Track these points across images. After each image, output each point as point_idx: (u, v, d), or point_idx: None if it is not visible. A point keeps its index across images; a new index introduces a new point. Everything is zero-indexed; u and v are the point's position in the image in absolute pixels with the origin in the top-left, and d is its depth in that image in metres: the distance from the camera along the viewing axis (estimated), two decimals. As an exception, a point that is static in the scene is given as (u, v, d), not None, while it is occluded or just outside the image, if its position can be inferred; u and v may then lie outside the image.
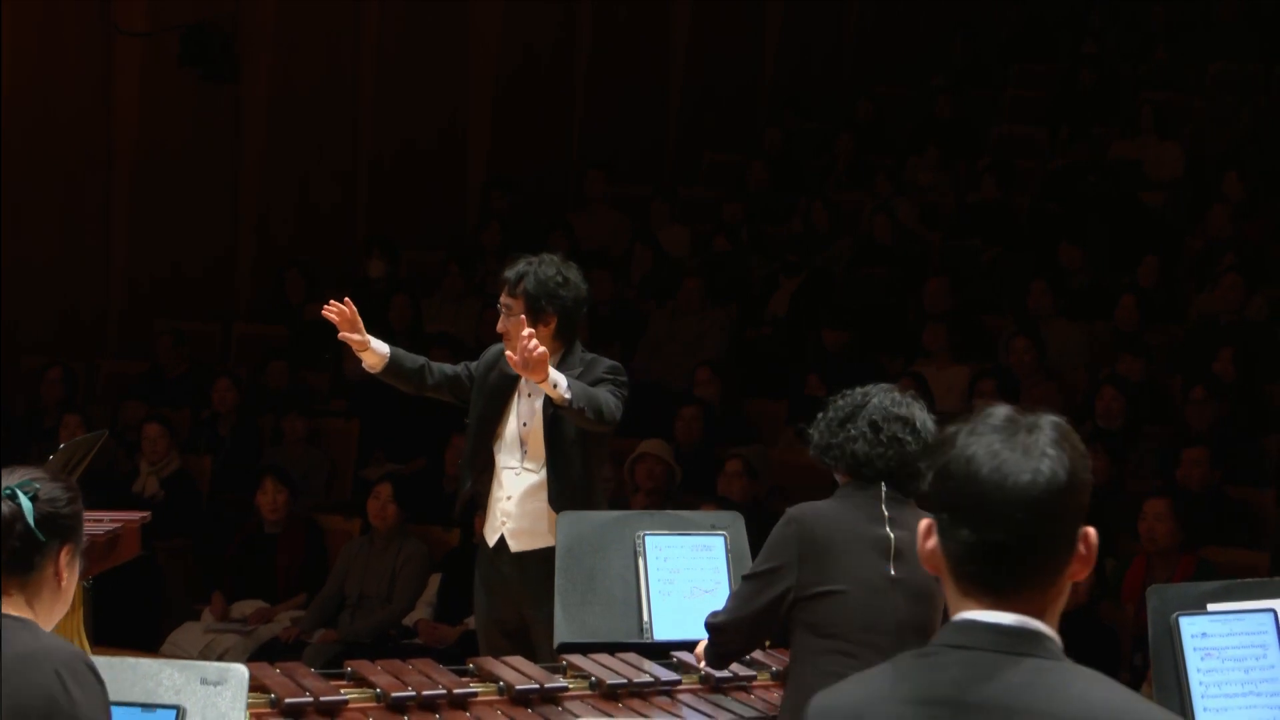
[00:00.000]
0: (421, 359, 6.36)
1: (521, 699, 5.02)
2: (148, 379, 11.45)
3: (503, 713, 4.97)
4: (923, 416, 4.72)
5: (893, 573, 4.58)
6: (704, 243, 12.89)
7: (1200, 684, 4.30)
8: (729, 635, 4.77)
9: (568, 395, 5.75)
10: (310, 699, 4.86)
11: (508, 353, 5.90)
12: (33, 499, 3.31)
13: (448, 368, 6.38)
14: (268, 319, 12.45)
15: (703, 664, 5.05)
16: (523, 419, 6.10)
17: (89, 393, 11.64)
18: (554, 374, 5.78)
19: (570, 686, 5.12)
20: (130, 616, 8.92)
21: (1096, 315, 11.02)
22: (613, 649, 5.27)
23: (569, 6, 14.09)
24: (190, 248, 12.22)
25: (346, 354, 11.22)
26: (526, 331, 5.77)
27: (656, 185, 14.01)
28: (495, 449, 6.18)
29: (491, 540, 6.15)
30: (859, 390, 4.78)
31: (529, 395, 6.10)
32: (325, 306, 6.15)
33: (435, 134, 13.32)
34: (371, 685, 5.01)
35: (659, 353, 11.49)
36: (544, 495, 6.08)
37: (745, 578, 4.77)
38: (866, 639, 4.53)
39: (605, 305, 11.92)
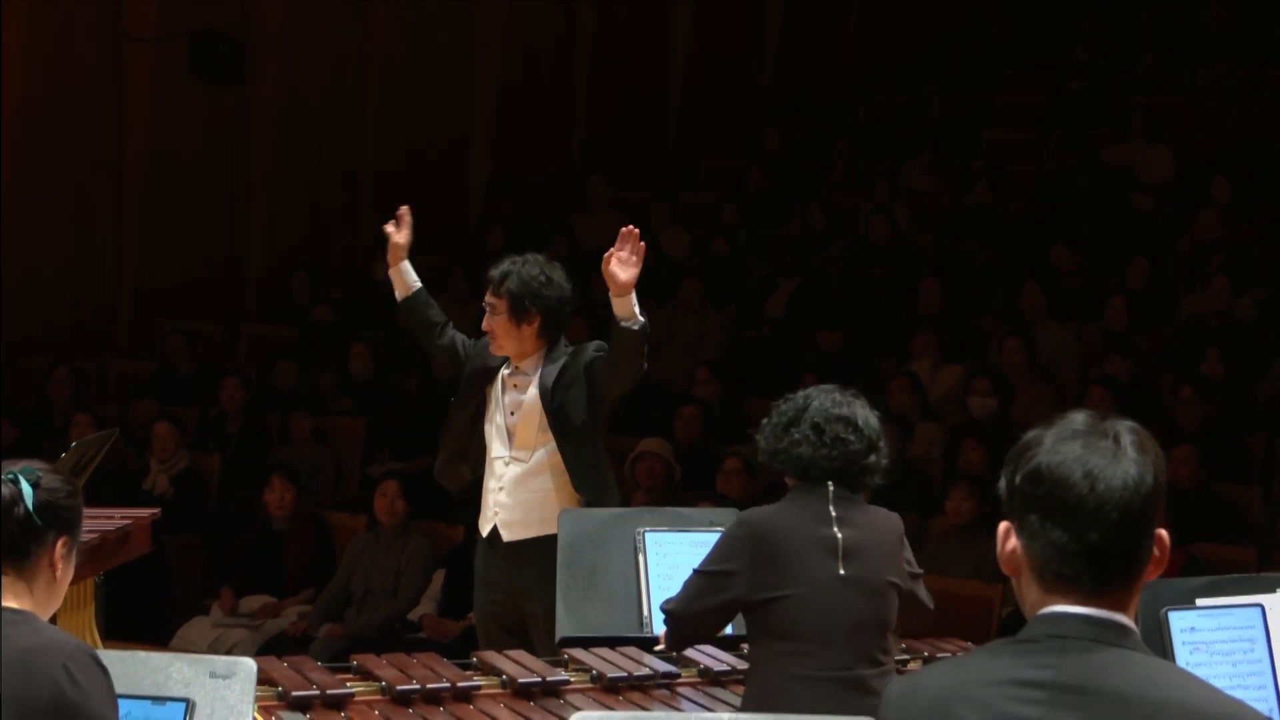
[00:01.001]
0: (444, 317, 6.45)
1: (524, 692, 5.02)
2: (158, 379, 11.46)
3: (505, 705, 4.97)
4: (865, 414, 4.73)
5: (843, 572, 4.57)
6: (703, 245, 12.89)
7: (1189, 677, 4.30)
8: (682, 623, 4.79)
9: (642, 317, 5.89)
10: (317, 692, 4.86)
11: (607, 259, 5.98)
12: (34, 486, 3.30)
13: (457, 336, 6.42)
14: (275, 320, 12.46)
15: (662, 646, 5.07)
16: (509, 410, 6.10)
17: (100, 392, 11.64)
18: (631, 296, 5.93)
19: (572, 680, 5.12)
20: (141, 611, 8.91)
21: (1087, 316, 11.02)
22: (613, 643, 5.28)
23: (570, 14, 14.09)
24: (199, 250, 12.22)
25: (353, 354, 11.26)
26: (629, 248, 5.95)
27: (656, 188, 14.01)
28: (486, 439, 6.19)
29: (485, 531, 6.15)
30: (800, 394, 4.79)
31: (514, 387, 6.10)
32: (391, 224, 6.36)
33: (440, 139, 13.33)
34: (377, 679, 5.01)
35: (659, 353, 11.48)
36: (535, 484, 6.08)
37: (697, 572, 4.75)
38: (822, 639, 4.52)
39: (605, 306, 11.91)
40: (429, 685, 4.95)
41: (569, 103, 14.15)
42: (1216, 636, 4.35)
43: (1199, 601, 4.38)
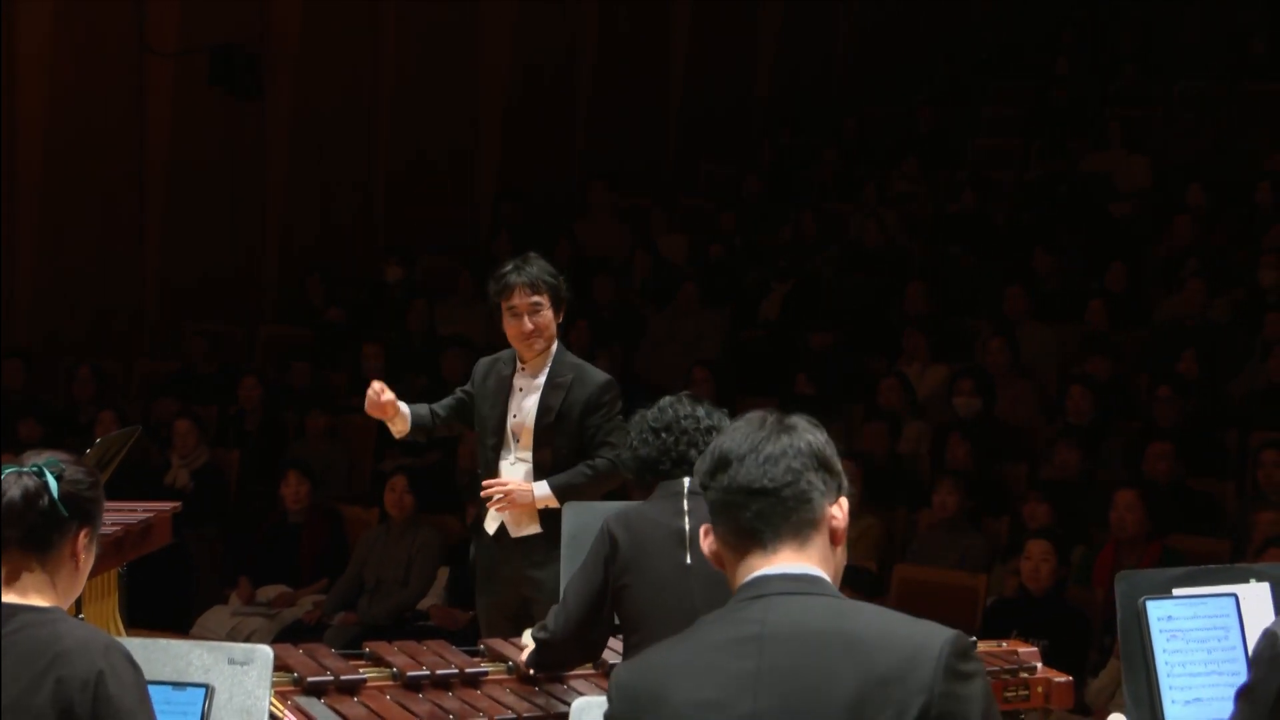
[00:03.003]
0: (427, 409, 6.25)
1: (529, 678, 5.02)
2: (179, 378, 11.45)
3: (511, 690, 4.96)
4: (694, 407, 4.75)
5: (688, 561, 4.54)
6: (701, 250, 12.88)
7: (1166, 664, 4.30)
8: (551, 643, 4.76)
9: (556, 504, 5.81)
10: (331, 678, 4.86)
11: (494, 494, 5.92)
12: (58, 478, 3.26)
13: (449, 402, 6.29)
14: (291, 322, 12.46)
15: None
16: (513, 412, 6.09)
17: (124, 391, 11.64)
18: (538, 492, 5.90)
19: (575, 666, 5.12)
20: (162, 601, 8.92)
21: (1068, 318, 11.02)
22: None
23: (573, 29, 14.09)
24: (218, 255, 12.22)
25: (364, 354, 11.26)
26: (504, 491, 5.88)
27: (656, 196, 14.01)
28: (498, 442, 6.17)
29: (492, 528, 6.13)
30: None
31: (520, 390, 6.08)
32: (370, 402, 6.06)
33: (448, 149, 13.32)
34: (388, 665, 5.01)
35: (658, 353, 11.50)
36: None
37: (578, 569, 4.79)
38: (665, 628, 4.43)
39: (607, 308, 11.93)
40: (438, 671, 4.95)
41: (571, 113, 14.15)
42: (1192, 625, 4.34)
43: (1175, 591, 4.38)
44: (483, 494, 5.98)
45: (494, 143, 13.64)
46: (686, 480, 4.63)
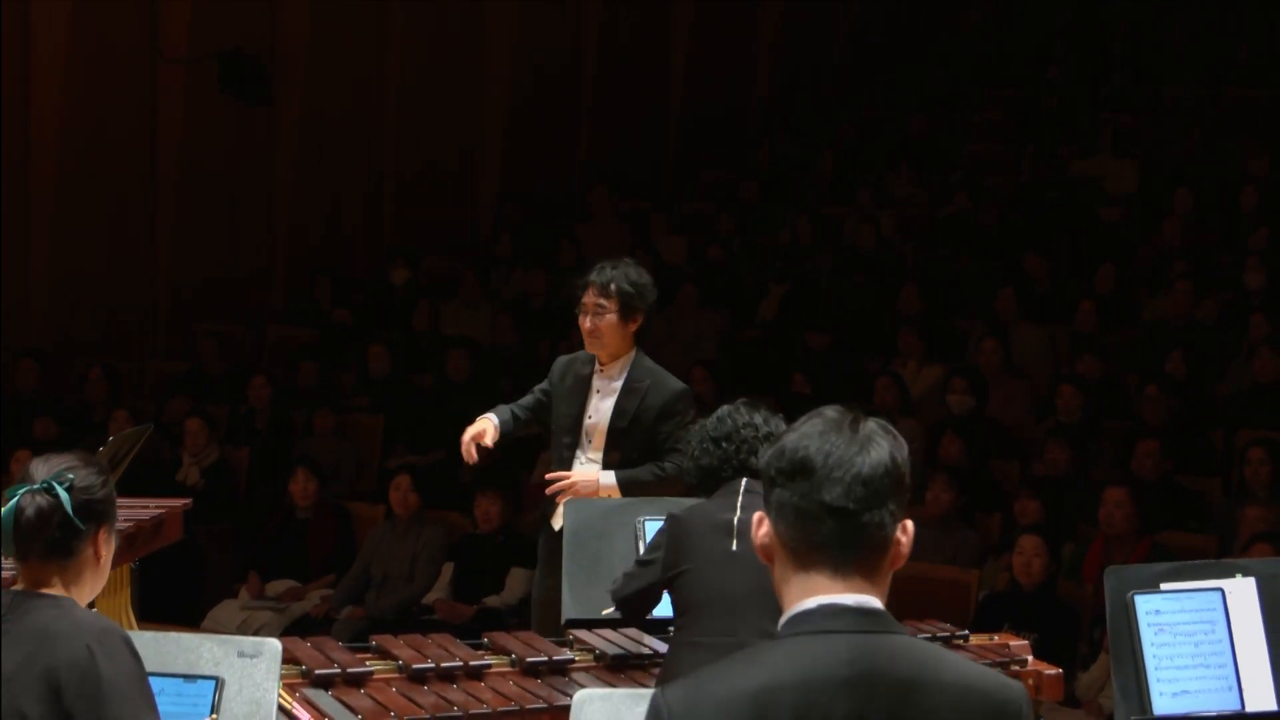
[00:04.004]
0: (509, 414, 6.15)
1: (532, 670, 5.02)
2: (190, 377, 11.45)
3: (515, 683, 4.96)
4: (752, 416, 4.76)
5: (735, 548, 4.55)
6: (699, 252, 12.88)
7: (1154, 656, 4.30)
8: (621, 604, 4.88)
9: (619, 495, 5.83)
10: (338, 670, 4.86)
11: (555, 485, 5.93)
12: (68, 489, 3.27)
13: (528, 402, 6.21)
14: (299, 323, 12.45)
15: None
16: (589, 413, 6.05)
17: (137, 390, 11.64)
18: (603, 480, 5.90)
19: (576, 659, 5.12)
20: (173, 595, 8.90)
21: (1058, 319, 11.02)
22: (615, 625, 5.27)
23: (575, 36, 14.09)
24: (228, 258, 12.22)
25: (371, 355, 11.26)
26: (569, 484, 5.87)
27: (656, 199, 14.01)
28: (573, 441, 6.14)
29: (557, 525, 6.06)
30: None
31: (597, 392, 6.05)
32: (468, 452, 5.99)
33: (453, 153, 13.32)
34: (394, 657, 5.01)
35: (658, 353, 11.43)
36: None
37: (635, 561, 4.92)
38: (710, 608, 4.53)
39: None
40: (443, 664, 4.95)
41: (574, 119, 14.15)
42: (1180, 618, 4.34)
43: (1163, 586, 4.38)
44: (549, 490, 5.96)
45: (497, 147, 13.64)
46: (744, 480, 4.66)
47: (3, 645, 3.12)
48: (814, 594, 2.39)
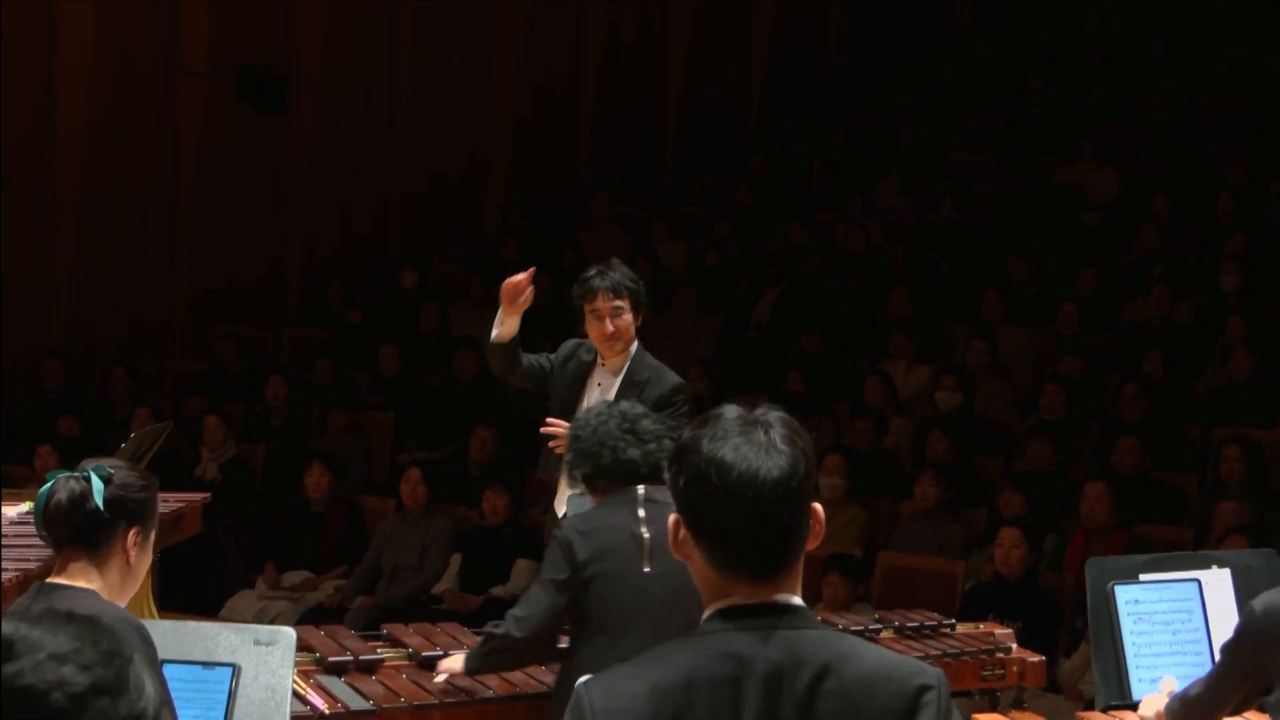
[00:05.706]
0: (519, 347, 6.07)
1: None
2: (208, 377, 11.45)
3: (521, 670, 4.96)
4: (640, 419, 4.66)
5: (646, 569, 4.39)
6: (697, 257, 12.88)
7: (1133, 644, 4.30)
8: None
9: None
10: (351, 658, 4.86)
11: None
12: (106, 482, 3.27)
13: (535, 358, 6.10)
14: (313, 324, 12.45)
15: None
16: (586, 404, 5.94)
17: (157, 389, 11.64)
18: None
19: (579, 647, 5.11)
20: (192, 585, 8.91)
21: (1042, 321, 11.01)
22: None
23: (578, 50, 14.09)
24: (245, 262, 12.22)
25: (382, 355, 11.26)
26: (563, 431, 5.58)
27: (655, 206, 14.01)
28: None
29: (561, 511, 6.04)
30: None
31: (599, 385, 6.00)
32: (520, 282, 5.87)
33: (460, 162, 13.32)
34: (405, 645, 5.02)
35: (657, 354, 11.45)
36: None
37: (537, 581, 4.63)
38: (626, 628, 4.32)
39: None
40: (451, 651, 4.95)
41: (576, 129, 14.15)
42: (1158, 608, 4.35)
43: (1142, 577, 4.38)
44: (542, 430, 5.71)
45: (503, 156, 13.64)
46: (641, 489, 4.48)
47: None
48: (733, 593, 2.34)
